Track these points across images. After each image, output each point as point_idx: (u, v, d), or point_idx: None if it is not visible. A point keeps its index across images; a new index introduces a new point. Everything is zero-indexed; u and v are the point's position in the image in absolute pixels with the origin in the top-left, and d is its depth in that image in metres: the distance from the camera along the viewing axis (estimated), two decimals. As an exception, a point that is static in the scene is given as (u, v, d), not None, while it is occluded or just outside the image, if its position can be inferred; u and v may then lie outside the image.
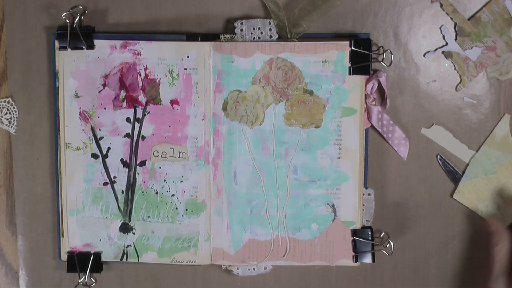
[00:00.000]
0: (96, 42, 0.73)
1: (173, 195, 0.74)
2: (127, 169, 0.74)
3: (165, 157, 0.74)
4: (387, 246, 0.75)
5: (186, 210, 0.75)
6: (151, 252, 0.75)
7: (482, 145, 0.75)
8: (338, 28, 0.75)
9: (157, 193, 0.74)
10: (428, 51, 0.75)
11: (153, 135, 0.74)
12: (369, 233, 0.74)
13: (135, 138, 0.74)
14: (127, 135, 0.74)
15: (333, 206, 0.74)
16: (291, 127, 0.73)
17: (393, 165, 0.76)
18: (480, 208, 0.75)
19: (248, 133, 0.73)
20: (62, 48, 0.73)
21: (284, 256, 0.75)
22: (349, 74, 0.73)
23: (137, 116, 0.74)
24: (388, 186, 0.76)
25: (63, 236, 0.75)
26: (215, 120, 0.73)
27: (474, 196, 0.75)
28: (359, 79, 0.73)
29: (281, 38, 0.73)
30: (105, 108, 0.74)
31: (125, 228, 0.75)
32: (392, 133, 0.75)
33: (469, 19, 0.74)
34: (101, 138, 0.74)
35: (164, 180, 0.74)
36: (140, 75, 0.73)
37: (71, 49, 0.73)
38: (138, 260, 0.75)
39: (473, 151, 0.75)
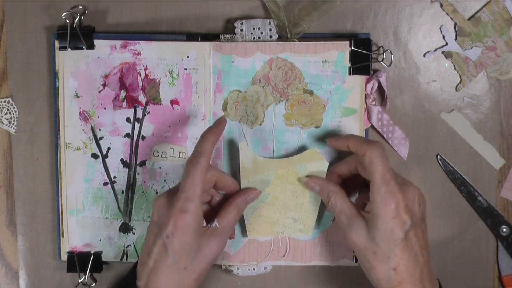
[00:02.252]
0: (96, 42, 0.73)
1: (173, 195, 0.74)
2: (127, 169, 0.74)
3: (165, 157, 0.74)
4: None
5: (186, 210, 0.74)
6: (151, 252, 0.75)
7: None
8: (338, 28, 0.75)
9: (157, 193, 0.74)
10: (428, 51, 0.75)
11: (153, 135, 0.74)
12: (369, 233, 0.74)
13: (135, 138, 0.74)
14: (127, 135, 0.74)
15: (333, 206, 0.74)
16: (291, 127, 0.73)
17: (393, 165, 0.76)
18: None
19: (248, 133, 0.73)
20: (62, 48, 0.73)
21: (284, 256, 0.75)
22: (349, 74, 0.73)
23: (137, 116, 0.74)
24: (388, 186, 0.76)
25: (63, 236, 0.75)
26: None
27: None
28: (359, 79, 0.73)
29: (281, 38, 0.73)
30: (105, 108, 0.74)
31: (125, 228, 0.75)
32: (392, 133, 0.75)
33: (469, 19, 0.74)
34: (101, 138, 0.74)
35: (164, 180, 0.74)
36: (140, 75, 0.73)
37: (71, 49, 0.73)
38: (138, 260, 0.75)
39: (487, 143, 0.75)
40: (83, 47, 0.73)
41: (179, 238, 0.63)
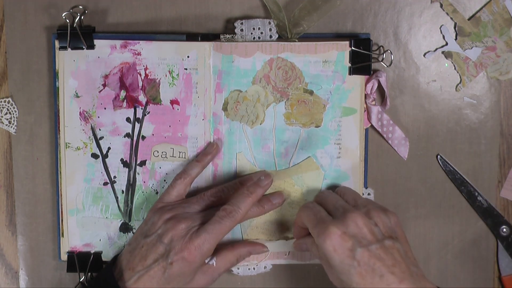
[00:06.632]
0: (96, 42, 0.73)
1: (173, 195, 0.74)
2: (127, 169, 0.74)
3: (165, 157, 0.74)
4: None
5: (186, 210, 0.74)
6: (151, 252, 0.75)
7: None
8: (338, 28, 0.75)
9: (157, 193, 0.74)
10: (428, 51, 0.75)
11: (153, 135, 0.74)
12: (369, 233, 0.74)
13: (135, 138, 0.74)
14: (127, 135, 0.74)
15: (333, 206, 0.74)
16: (291, 127, 0.73)
17: (393, 165, 0.76)
18: None
19: (248, 132, 0.74)
20: (62, 48, 0.73)
21: (286, 255, 0.75)
22: (349, 74, 0.73)
23: (137, 116, 0.74)
24: (388, 186, 0.76)
25: (63, 236, 0.75)
26: (215, 120, 0.73)
27: None
28: (359, 79, 0.73)
29: (281, 38, 0.73)
30: (105, 108, 0.74)
31: (125, 228, 0.75)
32: (392, 133, 0.75)
33: (469, 19, 0.74)
34: (101, 138, 0.74)
35: (164, 180, 0.74)
36: (140, 75, 0.73)
37: (71, 49, 0.73)
38: (138, 260, 0.75)
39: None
40: (83, 47, 0.73)
41: (181, 268, 0.66)
